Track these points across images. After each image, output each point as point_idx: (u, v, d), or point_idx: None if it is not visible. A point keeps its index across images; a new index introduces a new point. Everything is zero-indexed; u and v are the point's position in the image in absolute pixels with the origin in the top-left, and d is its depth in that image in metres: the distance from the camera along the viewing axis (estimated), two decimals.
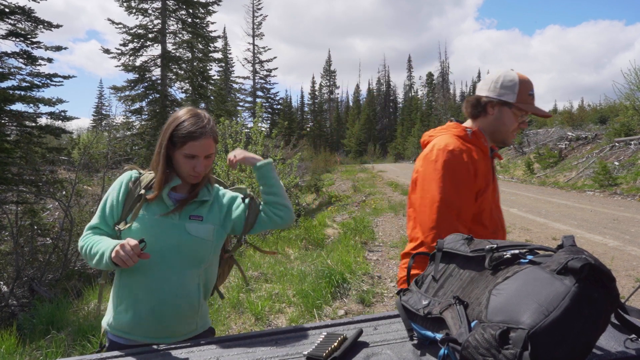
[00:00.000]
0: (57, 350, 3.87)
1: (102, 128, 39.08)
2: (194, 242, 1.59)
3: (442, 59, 61.93)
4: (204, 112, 1.63)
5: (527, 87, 1.72)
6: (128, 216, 1.59)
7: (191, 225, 1.60)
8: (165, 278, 1.56)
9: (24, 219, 8.09)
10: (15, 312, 6.24)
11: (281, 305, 4.60)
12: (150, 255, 1.48)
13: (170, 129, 1.57)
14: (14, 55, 10.08)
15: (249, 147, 8.56)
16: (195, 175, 1.60)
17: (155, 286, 1.55)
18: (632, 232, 7.53)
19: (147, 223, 1.56)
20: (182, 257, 1.58)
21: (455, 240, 1.24)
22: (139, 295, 1.56)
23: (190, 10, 21.35)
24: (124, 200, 1.61)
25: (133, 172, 1.68)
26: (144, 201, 1.59)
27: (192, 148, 1.54)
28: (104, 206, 1.62)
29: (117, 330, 1.60)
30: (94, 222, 1.61)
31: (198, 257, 1.61)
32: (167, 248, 1.56)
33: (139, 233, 1.54)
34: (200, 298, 1.65)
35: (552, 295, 0.85)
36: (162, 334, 1.58)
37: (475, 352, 0.86)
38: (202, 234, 1.60)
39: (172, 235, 1.57)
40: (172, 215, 1.59)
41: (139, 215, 1.57)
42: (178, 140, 1.55)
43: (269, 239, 7.92)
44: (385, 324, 1.33)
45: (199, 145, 1.55)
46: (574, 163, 17.48)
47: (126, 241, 1.38)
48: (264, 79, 47.57)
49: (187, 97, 21.79)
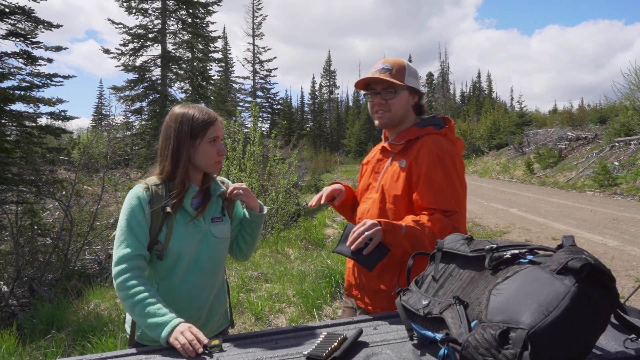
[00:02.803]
0: (57, 350, 3.87)
1: (102, 128, 39.06)
2: (220, 244, 1.63)
3: (442, 59, 61.83)
4: (198, 104, 1.68)
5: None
6: (159, 235, 1.51)
7: (215, 228, 1.62)
8: (202, 286, 1.59)
9: (24, 219, 8.07)
10: (15, 312, 6.24)
11: (281, 305, 4.60)
12: (187, 266, 1.54)
13: (186, 124, 1.55)
14: (14, 55, 10.06)
15: (248, 147, 8.56)
16: (220, 160, 1.62)
17: (194, 295, 1.57)
18: (632, 232, 7.53)
19: (181, 236, 1.53)
20: (212, 262, 1.61)
21: (455, 240, 1.24)
22: (178, 307, 1.47)
23: (190, 10, 21.33)
24: (149, 222, 1.51)
25: (143, 190, 1.54)
26: (172, 216, 1.52)
27: (214, 131, 1.58)
28: (130, 231, 1.48)
29: (148, 340, 1.54)
30: (131, 252, 1.45)
31: (224, 257, 1.68)
32: (201, 256, 1.58)
33: (176, 248, 1.52)
34: (226, 295, 1.73)
35: (552, 295, 0.85)
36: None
37: (475, 352, 0.86)
38: (225, 234, 1.65)
39: (203, 242, 1.58)
40: (197, 221, 1.57)
41: (172, 231, 1.52)
42: (199, 131, 1.56)
43: (269, 239, 7.92)
44: (385, 323, 1.33)
45: (218, 127, 1.61)
46: (574, 163, 17.47)
47: (192, 334, 1.26)
48: (264, 79, 47.54)
49: (187, 97, 21.77)
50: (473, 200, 12.87)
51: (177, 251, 1.52)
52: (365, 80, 1.78)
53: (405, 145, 1.77)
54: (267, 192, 8.84)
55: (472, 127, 33.06)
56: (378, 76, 1.74)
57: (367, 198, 1.84)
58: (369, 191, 1.85)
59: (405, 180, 1.69)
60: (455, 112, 50.26)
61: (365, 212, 1.79)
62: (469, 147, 31.38)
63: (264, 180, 8.97)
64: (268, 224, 8.82)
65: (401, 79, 1.75)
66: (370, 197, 1.82)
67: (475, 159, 29.26)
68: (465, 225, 1.71)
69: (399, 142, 1.78)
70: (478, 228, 8.59)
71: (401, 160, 1.74)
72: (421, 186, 1.65)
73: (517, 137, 25.63)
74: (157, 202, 1.52)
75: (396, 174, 1.73)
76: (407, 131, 1.78)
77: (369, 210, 1.78)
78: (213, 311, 1.65)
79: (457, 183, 1.67)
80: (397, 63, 1.77)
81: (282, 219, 9.15)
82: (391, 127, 1.82)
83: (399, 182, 1.71)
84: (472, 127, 33.00)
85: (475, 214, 10.28)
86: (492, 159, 26.62)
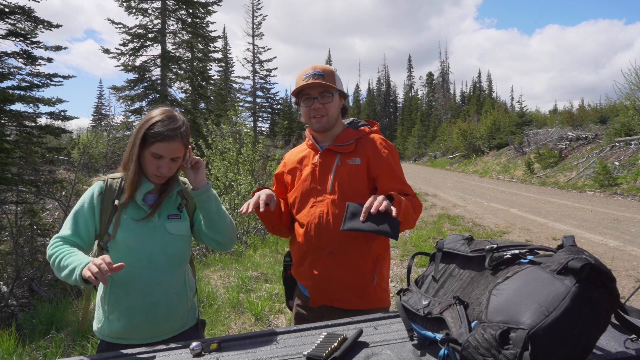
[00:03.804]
0: (56, 351, 3.87)
1: (102, 128, 39.08)
2: (177, 241, 1.63)
3: (442, 59, 61.87)
4: (179, 114, 1.63)
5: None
6: (109, 227, 1.56)
7: (171, 224, 1.63)
8: (156, 281, 1.58)
9: (23, 219, 8.08)
10: (15, 312, 6.24)
11: (281, 305, 4.60)
12: (138, 260, 1.53)
13: (144, 128, 1.57)
14: (14, 55, 10.06)
15: (243, 149, 8.57)
16: (159, 176, 1.60)
17: (148, 290, 1.57)
18: (633, 232, 7.53)
19: (131, 230, 1.56)
20: (168, 258, 1.60)
21: (455, 240, 1.24)
22: (132, 302, 1.56)
23: (190, 10, 21.33)
24: (99, 215, 1.58)
25: (100, 183, 1.64)
26: (121, 209, 1.57)
27: (159, 148, 1.55)
28: (75, 219, 1.57)
29: (110, 337, 1.60)
30: (65, 233, 1.54)
31: (182, 255, 1.66)
32: (154, 252, 1.57)
33: (125, 242, 1.54)
34: (189, 293, 1.70)
35: (553, 296, 0.85)
36: (155, 333, 1.60)
37: (475, 352, 0.86)
38: (182, 231, 1.65)
39: (156, 238, 1.58)
40: (151, 218, 1.60)
41: (120, 224, 1.56)
42: (148, 139, 1.56)
43: (268, 239, 7.92)
44: (385, 324, 1.33)
45: (167, 147, 1.55)
46: (574, 163, 17.47)
47: (100, 258, 1.31)
48: (263, 79, 47.49)
49: (187, 97, 21.79)
50: (473, 200, 12.87)
51: (125, 244, 1.54)
52: (301, 86, 1.82)
53: (355, 144, 1.86)
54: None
55: (472, 127, 33.05)
56: (320, 81, 1.79)
57: (316, 202, 1.83)
58: (317, 194, 1.84)
59: (366, 175, 1.82)
60: (456, 112, 50.25)
61: (323, 214, 1.79)
62: (469, 147, 31.39)
63: (264, 180, 8.97)
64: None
65: (334, 83, 1.84)
66: (321, 200, 1.82)
67: (475, 159, 29.27)
68: None
69: (346, 143, 1.86)
70: (478, 228, 8.58)
71: (353, 159, 1.84)
72: (386, 177, 1.81)
73: (517, 137, 25.64)
74: (109, 195, 1.60)
75: (353, 172, 1.82)
76: (346, 132, 1.89)
77: (327, 210, 1.79)
78: (172, 309, 1.63)
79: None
80: (326, 69, 1.86)
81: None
82: (326, 130, 1.87)
83: (359, 178, 1.82)
84: (472, 127, 32.99)
85: (476, 214, 10.28)
86: (492, 159, 26.63)
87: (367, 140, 1.88)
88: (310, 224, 1.80)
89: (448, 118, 49.93)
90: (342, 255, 1.77)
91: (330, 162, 1.85)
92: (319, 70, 1.83)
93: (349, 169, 1.82)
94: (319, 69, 1.83)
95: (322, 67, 1.85)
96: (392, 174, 1.83)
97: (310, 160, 1.91)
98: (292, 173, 1.96)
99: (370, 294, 1.79)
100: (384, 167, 1.82)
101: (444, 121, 49.40)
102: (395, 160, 1.87)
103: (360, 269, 1.78)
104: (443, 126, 44.47)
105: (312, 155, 1.92)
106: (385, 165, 1.82)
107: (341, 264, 1.77)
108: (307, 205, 1.85)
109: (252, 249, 7.42)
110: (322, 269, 1.79)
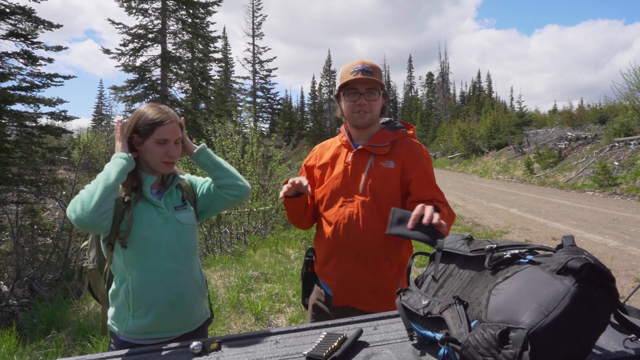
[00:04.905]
0: (57, 350, 3.87)
1: (102, 128, 39.04)
2: (188, 231, 1.66)
3: (442, 59, 61.87)
4: (164, 106, 1.68)
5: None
6: (121, 224, 1.55)
7: (180, 215, 1.66)
8: (177, 271, 1.61)
9: (24, 219, 8.08)
10: (15, 312, 6.24)
11: (281, 305, 4.60)
12: (158, 252, 1.56)
13: (134, 121, 1.60)
14: (15, 56, 10.07)
15: (247, 147, 8.56)
16: (169, 161, 1.61)
17: (171, 281, 1.60)
18: (632, 232, 7.53)
19: (145, 223, 1.58)
20: (182, 248, 1.64)
21: (455, 240, 1.24)
22: (157, 294, 1.57)
23: (190, 10, 21.33)
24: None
25: None
26: (132, 205, 1.58)
27: (161, 133, 1.58)
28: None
29: (137, 333, 1.59)
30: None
31: (194, 243, 1.71)
32: (170, 242, 1.60)
33: (142, 235, 1.56)
34: (204, 281, 1.75)
35: (552, 295, 0.85)
36: (182, 324, 1.63)
37: (475, 352, 0.86)
38: (191, 220, 1.69)
39: (169, 228, 1.61)
40: (159, 208, 1.62)
41: (134, 219, 1.56)
42: (145, 129, 1.57)
43: (268, 239, 7.92)
44: (385, 324, 1.33)
45: (167, 130, 1.59)
46: (574, 163, 17.47)
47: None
48: (264, 79, 47.50)
49: (187, 97, 21.79)
50: (473, 200, 12.87)
51: (142, 238, 1.55)
52: (349, 80, 1.78)
53: (391, 147, 1.83)
54: (268, 192, 8.84)
55: (472, 127, 33.04)
56: (369, 77, 1.76)
57: (346, 201, 1.79)
58: (347, 194, 1.80)
59: (399, 179, 1.78)
60: (455, 112, 50.26)
61: (353, 214, 1.76)
62: (468, 147, 31.38)
63: (264, 180, 8.97)
64: (268, 224, 8.83)
65: (381, 80, 1.80)
66: (351, 200, 1.79)
67: (475, 159, 29.26)
68: None
69: (381, 144, 1.82)
70: (478, 228, 8.59)
71: (387, 162, 1.80)
72: (421, 183, 1.77)
73: (517, 137, 25.64)
74: (119, 192, 1.62)
75: (385, 175, 1.78)
76: (382, 133, 1.85)
77: (357, 211, 1.76)
78: (195, 297, 1.67)
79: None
80: (374, 65, 1.82)
81: (283, 219, 9.15)
82: (367, 127, 1.84)
83: (392, 182, 1.78)
84: (472, 127, 32.98)
85: (475, 214, 10.28)
86: (492, 159, 26.63)
87: (403, 143, 1.84)
88: (339, 223, 1.78)
89: (448, 118, 49.95)
90: (369, 257, 1.75)
91: (364, 163, 1.81)
92: (367, 65, 1.78)
93: (382, 172, 1.79)
94: (368, 64, 1.78)
95: (371, 63, 1.80)
96: (427, 179, 1.80)
97: (342, 158, 1.87)
98: (323, 169, 1.92)
99: (394, 299, 1.76)
100: (419, 172, 1.79)
101: (443, 121, 49.43)
102: (430, 167, 1.84)
103: (387, 273, 1.76)
104: (443, 126, 44.49)
105: (345, 153, 1.88)
106: (421, 171, 1.79)
107: (368, 267, 1.75)
108: (336, 204, 1.81)
109: (253, 248, 7.43)
110: (348, 270, 1.77)
